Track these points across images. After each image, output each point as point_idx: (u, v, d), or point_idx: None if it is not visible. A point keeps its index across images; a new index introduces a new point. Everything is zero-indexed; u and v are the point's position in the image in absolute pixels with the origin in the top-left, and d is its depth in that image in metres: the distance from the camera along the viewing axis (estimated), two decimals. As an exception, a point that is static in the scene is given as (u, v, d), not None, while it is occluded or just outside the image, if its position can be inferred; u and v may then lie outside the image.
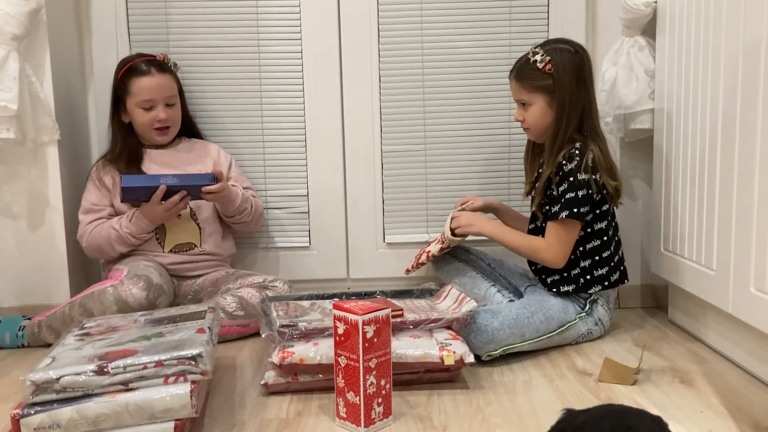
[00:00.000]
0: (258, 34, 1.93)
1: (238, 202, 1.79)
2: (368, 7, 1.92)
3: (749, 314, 1.36)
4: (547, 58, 1.59)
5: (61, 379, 1.09)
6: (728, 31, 1.41)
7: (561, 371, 1.47)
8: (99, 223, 1.74)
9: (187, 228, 1.81)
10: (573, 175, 1.55)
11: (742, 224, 1.37)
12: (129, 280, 1.60)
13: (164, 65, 1.79)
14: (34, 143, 1.71)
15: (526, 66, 1.62)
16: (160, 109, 1.76)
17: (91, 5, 1.90)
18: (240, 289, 1.71)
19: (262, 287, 1.74)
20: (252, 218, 1.85)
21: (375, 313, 1.17)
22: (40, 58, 1.71)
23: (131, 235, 1.71)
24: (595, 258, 1.63)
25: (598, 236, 1.62)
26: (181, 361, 1.14)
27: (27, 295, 1.78)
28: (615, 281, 1.66)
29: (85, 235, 1.74)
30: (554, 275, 1.64)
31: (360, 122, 1.96)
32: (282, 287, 1.75)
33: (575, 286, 1.63)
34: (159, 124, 1.77)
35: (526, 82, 1.62)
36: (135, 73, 1.75)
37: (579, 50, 1.62)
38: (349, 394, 1.18)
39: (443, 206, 1.99)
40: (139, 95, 1.74)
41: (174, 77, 1.80)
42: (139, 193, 1.67)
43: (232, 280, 1.77)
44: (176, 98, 1.80)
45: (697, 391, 1.35)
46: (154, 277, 1.64)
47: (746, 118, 1.34)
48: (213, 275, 1.81)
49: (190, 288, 1.81)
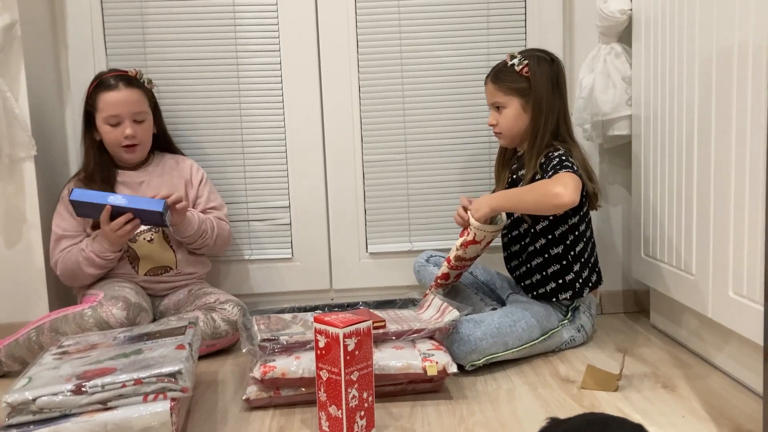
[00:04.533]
0: (236, 46, 1.93)
1: (193, 228, 1.71)
2: (346, 17, 1.92)
3: (728, 318, 1.37)
4: (525, 61, 1.62)
5: (38, 400, 1.08)
6: (701, 37, 1.43)
7: (544, 379, 1.47)
8: (71, 248, 1.70)
9: (161, 252, 1.76)
10: (565, 155, 1.55)
11: (719, 229, 1.38)
12: (108, 302, 1.56)
13: (133, 80, 1.73)
14: (10, 159, 1.69)
15: (503, 69, 1.65)
16: (127, 125, 1.70)
17: (67, 19, 1.89)
18: (188, 314, 1.67)
19: (210, 309, 1.68)
20: (214, 242, 1.78)
21: (356, 325, 1.16)
22: (15, 73, 1.69)
23: (95, 254, 1.65)
24: (581, 261, 1.64)
25: (581, 239, 1.63)
26: (161, 379, 1.13)
27: (4, 312, 1.75)
28: (595, 282, 1.67)
29: (58, 262, 1.70)
30: (551, 283, 1.63)
31: (340, 132, 1.96)
32: (231, 310, 1.68)
33: (572, 291, 1.63)
34: (126, 141, 1.71)
35: (503, 84, 1.64)
36: (102, 87, 1.70)
37: (555, 59, 1.65)
38: (332, 408, 1.18)
39: (425, 215, 1.99)
40: (105, 110, 1.70)
41: (144, 93, 1.75)
42: (88, 208, 1.60)
43: (190, 303, 1.74)
44: (145, 114, 1.74)
45: (680, 396, 1.35)
46: (131, 297, 1.60)
47: (721, 123, 1.36)
48: (177, 296, 1.78)
49: (157, 309, 1.78)
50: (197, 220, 1.73)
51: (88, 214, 1.64)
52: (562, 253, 1.62)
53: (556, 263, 1.62)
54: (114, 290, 1.63)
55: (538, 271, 1.65)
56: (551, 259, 1.62)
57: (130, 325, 1.55)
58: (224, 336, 1.67)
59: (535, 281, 1.66)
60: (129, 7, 1.90)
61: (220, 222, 1.81)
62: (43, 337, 1.55)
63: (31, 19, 1.77)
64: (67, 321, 1.55)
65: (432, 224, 2.00)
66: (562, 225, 1.60)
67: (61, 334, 1.53)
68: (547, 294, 1.64)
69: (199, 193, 1.83)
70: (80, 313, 1.55)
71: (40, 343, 1.54)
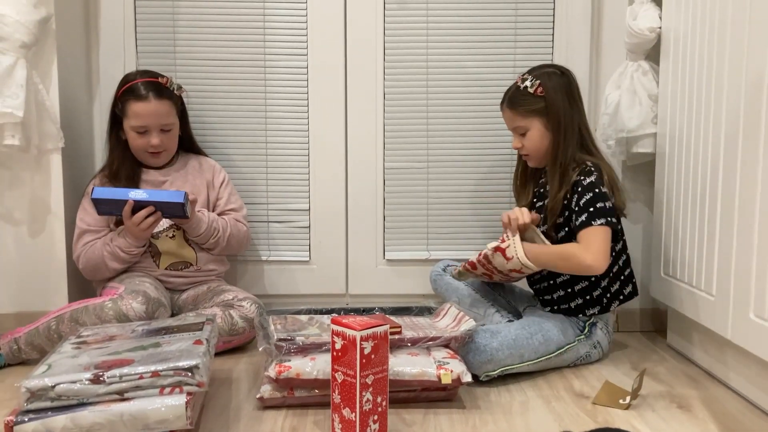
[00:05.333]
0: (264, 48, 1.95)
1: (204, 227, 1.73)
2: (375, 24, 1.93)
3: (748, 341, 1.35)
4: (537, 81, 1.62)
5: (57, 387, 1.09)
6: (731, 58, 1.42)
7: (558, 393, 1.46)
8: (94, 242, 1.72)
9: (182, 248, 1.78)
10: (597, 186, 1.55)
11: (742, 250, 1.37)
12: (128, 295, 1.58)
13: (164, 89, 1.73)
14: (38, 150, 1.71)
15: (516, 93, 1.65)
16: (154, 135, 1.72)
17: (101, 16, 1.92)
18: (206, 310, 1.69)
19: (228, 306, 1.70)
20: (226, 242, 1.79)
21: (373, 329, 1.16)
22: (48, 67, 1.72)
23: (120, 249, 1.68)
24: (610, 275, 1.63)
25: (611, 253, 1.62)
26: (178, 372, 1.14)
27: (25, 302, 1.77)
28: (629, 293, 1.67)
29: (81, 256, 1.72)
30: (578, 299, 1.62)
31: (363, 138, 1.97)
32: (249, 308, 1.70)
33: (600, 307, 1.62)
34: (152, 149, 1.74)
35: (520, 108, 1.64)
36: (132, 95, 1.71)
37: (564, 71, 1.65)
38: (345, 411, 1.18)
39: (444, 224, 1.99)
40: (133, 119, 1.72)
41: (173, 102, 1.76)
42: (110, 206, 1.62)
43: (209, 298, 1.75)
44: (173, 124, 1.76)
45: (695, 416, 1.34)
46: (151, 292, 1.62)
47: (748, 144, 1.35)
48: (195, 291, 1.79)
49: (175, 304, 1.80)
50: (208, 219, 1.75)
51: (110, 212, 1.66)
52: None
53: (585, 280, 1.61)
54: (134, 284, 1.64)
55: (563, 288, 1.64)
56: (579, 276, 1.61)
57: (148, 319, 1.56)
58: (241, 333, 1.69)
59: (557, 297, 1.65)
60: (161, 6, 1.93)
61: (236, 223, 1.83)
62: (63, 326, 1.57)
63: (66, 14, 1.80)
64: (87, 312, 1.57)
65: (450, 234, 2.00)
66: None
67: (81, 325, 1.55)
68: (571, 310, 1.63)
69: (220, 195, 1.85)
70: (101, 305, 1.56)
71: (60, 333, 1.56)
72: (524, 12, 1.94)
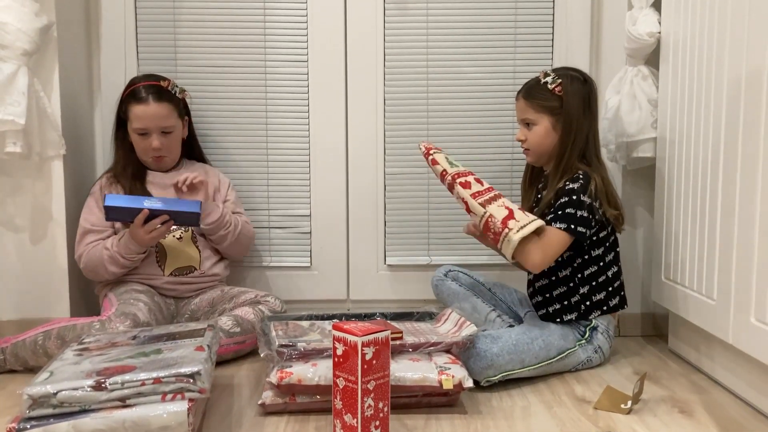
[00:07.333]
0: (265, 54, 1.95)
1: (218, 215, 1.76)
2: (375, 30, 1.94)
3: (749, 345, 1.35)
4: (558, 80, 1.62)
5: (59, 394, 1.09)
6: (730, 62, 1.43)
7: (560, 398, 1.46)
8: (96, 243, 1.72)
9: (188, 251, 1.79)
10: (576, 194, 1.56)
11: (743, 254, 1.37)
12: (117, 318, 1.56)
13: (164, 92, 1.75)
14: (40, 157, 1.72)
15: (536, 86, 1.65)
16: (154, 137, 1.74)
17: (101, 23, 1.93)
18: (234, 309, 1.72)
19: (255, 303, 1.75)
20: (236, 238, 1.81)
21: (374, 334, 1.17)
22: (49, 74, 1.73)
23: (120, 255, 1.68)
24: (593, 284, 1.63)
25: (595, 262, 1.63)
26: (179, 379, 1.14)
27: (27, 309, 1.77)
28: (614, 306, 1.66)
29: (83, 255, 1.72)
30: (555, 304, 1.64)
31: (364, 143, 1.97)
32: (274, 302, 1.77)
33: (577, 313, 1.62)
34: (153, 152, 1.76)
35: (535, 101, 1.64)
36: (134, 98, 1.74)
37: (588, 79, 1.65)
38: (347, 416, 1.18)
39: (445, 229, 2.00)
40: (134, 122, 1.74)
41: (174, 105, 1.77)
42: (123, 213, 1.63)
43: (227, 300, 1.77)
44: (173, 127, 1.77)
45: (697, 421, 1.34)
46: (142, 315, 1.59)
47: (748, 148, 1.35)
48: (209, 295, 1.81)
49: (186, 308, 1.80)
50: (222, 208, 1.78)
51: (121, 218, 1.67)
52: (569, 275, 1.62)
53: (563, 285, 1.63)
54: (128, 304, 1.63)
55: (541, 293, 1.66)
56: (558, 282, 1.63)
57: None
58: None
59: (537, 302, 1.68)
60: (162, 13, 1.93)
61: (246, 224, 1.86)
62: (50, 342, 1.55)
63: (67, 21, 1.81)
64: (74, 331, 1.55)
65: (452, 239, 2.00)
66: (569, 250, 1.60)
67: (66, 344, 1.50)
68: (549, 315, 1.64)
69: (227, 198, 1.87)
70: (89, 325, 1.55)
71: (45, 348, 1.54)
72: (524, 17, 1.94)
